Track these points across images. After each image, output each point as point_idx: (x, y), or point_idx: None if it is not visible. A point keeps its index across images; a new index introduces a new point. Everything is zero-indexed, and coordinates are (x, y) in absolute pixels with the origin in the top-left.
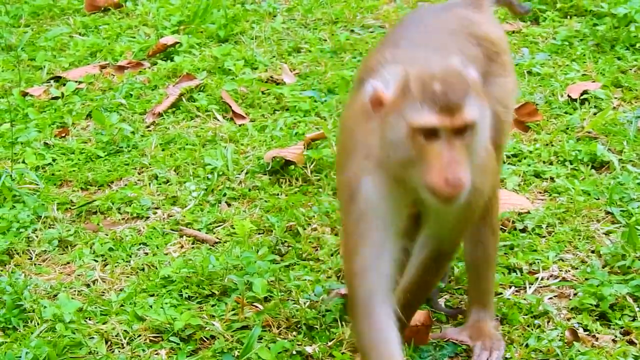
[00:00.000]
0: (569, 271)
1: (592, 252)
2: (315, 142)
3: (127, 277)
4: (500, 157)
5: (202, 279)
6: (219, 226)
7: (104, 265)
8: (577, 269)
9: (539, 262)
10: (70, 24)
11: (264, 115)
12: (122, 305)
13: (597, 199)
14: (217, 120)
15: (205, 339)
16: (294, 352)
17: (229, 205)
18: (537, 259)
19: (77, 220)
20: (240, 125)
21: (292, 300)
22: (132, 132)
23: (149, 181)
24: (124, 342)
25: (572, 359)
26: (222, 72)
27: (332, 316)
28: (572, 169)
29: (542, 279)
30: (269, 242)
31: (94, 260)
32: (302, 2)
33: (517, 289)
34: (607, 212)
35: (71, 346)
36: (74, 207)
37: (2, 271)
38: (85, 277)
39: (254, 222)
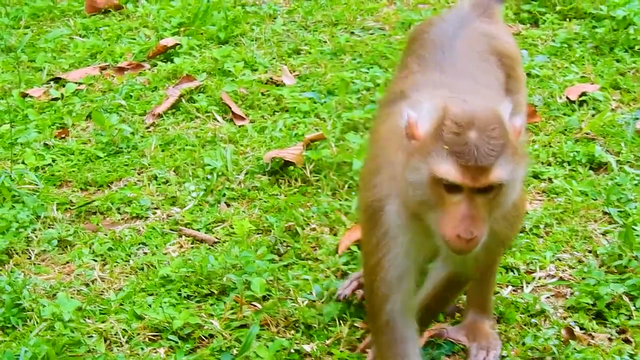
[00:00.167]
0: (566, 271)
1: (589, 252)
2: (314, 143)
3: (126, 276)
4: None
5: (201, 278)
6: (218, 226)
7: (103, 264)
8: (574, 268)
9: (536, 262)
10: (70, 26)
11: (263, 116)
12: (121, 304)
13: (595, 200)
14: (217, 121)
15: (203, 338)
16: (292, 351)
17: (228, 205)
18: (535, 259)
19: (77, 220)
20: (239, 126)
21: (291, 299)
22: (132, 133)
23: (149, 181)
24: (122, 340)
25: (568, 357)
26: (222, 73)
27: (331, 315)
28: (570, 170)
29: (539, 279)
30: (267, 242)
31: (93, 260)
32: (302, 4)
33: (514, 288)
34: (605, 213)
35: (70, 345)
36: (73, 207)
37: (1, 271)
38: (84, 276)
39: (253, 222)
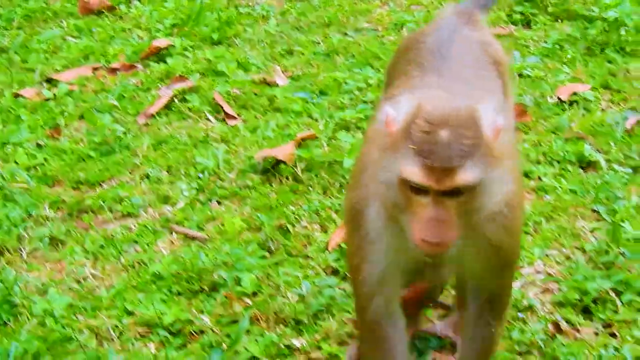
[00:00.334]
0: (554, 267)
1: (577, 248)
2: (305, 141)
3: (118, 273)
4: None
5: (192, 275)
6: (209, 224)
7: (95, 262)
8: (561, 264)
9: (524, 258)
10: (63, 27)
11: (255, 116)
12: (112, 300)
13: (584, 198)
14: (209, 121)
15: (194, 333)
16: (282, 346)
17: (219, 203)
18: (523, 255)
19: (69, 218)
20: (232, 126)
21: (281, 295)
22: (125, 133)
23: (140, 180)
24: (113, 336)
25: (554, 351)
26: (215, 74)
27: (320, 310)
28: (560, 169)
29: (527, 275)
30: (258, 239)
31: (85, 257)
32: (295, 5)
33: None
34: (593, 210)
35: (61, 340)
36: (65, 206)
37: None
38: (76, 273)
39: (244, 220)
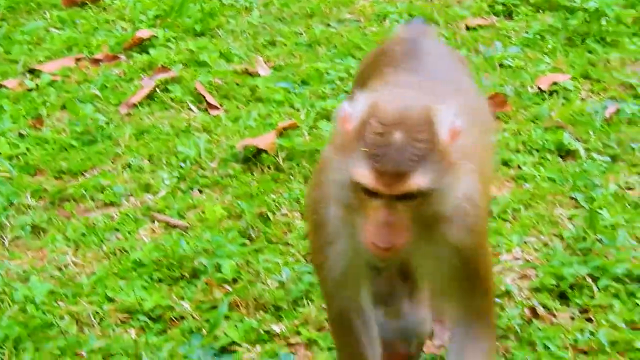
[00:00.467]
0: (532, 253)
1: (554, 235)
2: (287, 131)
3: (99, 261)
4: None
5: (173, 262)
6: (191, 212)
7: (76, 250)
8: (539, 251)
9: (502, 245)
10: (46, 18)
11: (237, 106)
12: (93, 287)
13: (562, 186)
14: (192, 111)
15: (174, 319)
16: (262, 331)
17: (200, 192)
18: (501, 242)
19: (51, 207)
20: (214, 115)
21: (261, 281)
22: (107, 123)
23: (122, 169)
24: (94, 322)
25: (530, 335)
26: (197, 64)
27: (300, 297)
28: (539, 157)
29: (505, 261)
30: (239, 226)
31: (67, 245)
32: None
33: None
34: (571, 198)
35: (42, 326)
36: (47, 195)
37: None
38: (57, 261)
39: (225, 208)
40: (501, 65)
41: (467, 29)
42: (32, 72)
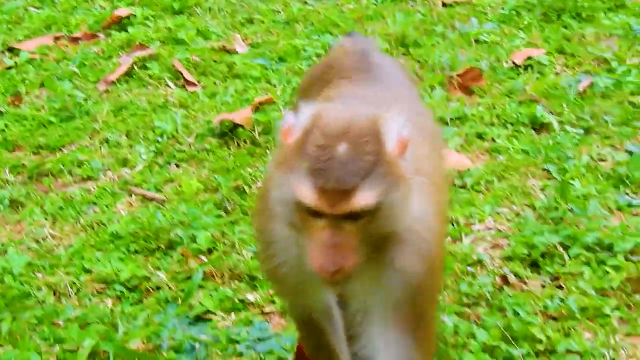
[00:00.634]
0: (504, 223)
1: (527, 206)
2: (263, 106)
3: (76, 234)
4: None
5: (149, 234)
6: (167, 186)
7: (54, 223)
8: (511, 221)
9: (475, 215)
10: None
11: (215, 82)
12: (71, 259)
13: (535, 158)
14: (169, 87)
15: (150, 290)
16: (237, 300)
17: (177, 166)
18: (474, 212)
19: (29, 182)
20: (191, 92)
21: (236, 252)
22: (85, 99)
23: (100, 145)
24: (71, 292)
25: (501, 302)
26: (175, 42)
27: None
28: (513, 130)
29: (478, 231)
30: (215, 199)
31: (44, 218)
32: None
33: (453, 239)
34: (544, 170)
35: (20, 297)
36: (25, 170)
37: None
38: (35, 234)
39: (202, 182)
40: (477, 41)
41: (444, 5)
42: (11, 50)
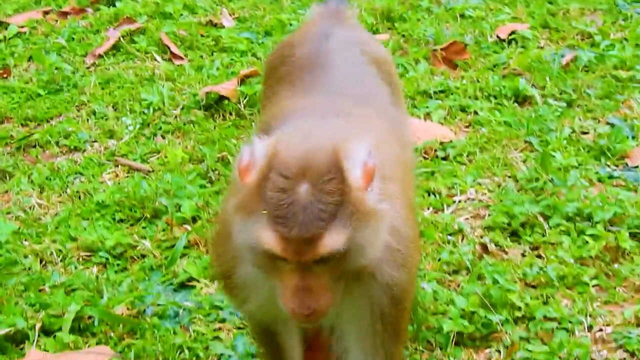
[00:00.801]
0: (486, 194)
1: (508, 177)
2: (249, 78)
3: (63, 203)
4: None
5: (135, 203)
6: (153, 157)
7: (41, 192)
8: (493, 192)
9: (457, 186)
10: None
11: (201, 56)
12: (57, 227)
13: (517, 130)
14: (156, 61)
15: (135, 258)
16: None
17: (163, 137)
18: (456, 183)
19: (17, 152)
20: (178, 65)
21: None
22: (73, 72)
23: (87, 117)
24: (57, 260)
25: (481, 270)
26: (163, 16)
27: None
28: (496, 103)
29: (459, 202)
30: (200, 169)
31: (32, 188)
32: None
33: (434, 209)
34: (526, 142)
35: (7, 264)
36: (13, 141)
37: None
38: (22, 203)
39: (187, 153)
40: (462, 15)
41: None
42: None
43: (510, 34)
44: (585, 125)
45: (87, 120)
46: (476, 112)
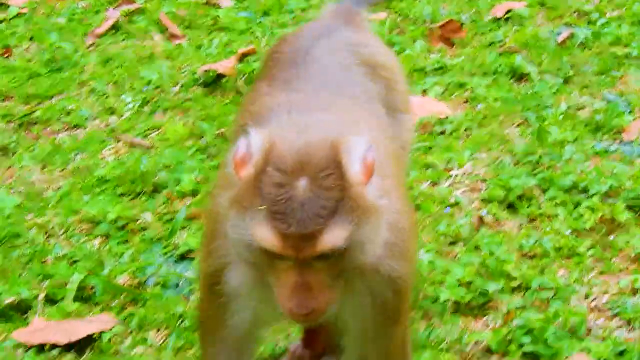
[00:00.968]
0: (482, 168)
1: (505, 151)
2: (247, 57)
3: (65, 178)
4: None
5: (135, 177)
6: (153, 133)
7: (43, 168)
8: (489, 166)
9: (454, 160)
10: None
11: (200, 35)
12: (59, 201)
13: (514, 106)
14: (155, 40)
15: (136, 230)
16: None
17: (163, 114)
18: (453, 158)
19: (19, 129)
20: (176, 44)
21: None
22: (73, 52)
23: (88, 95)
24: (59, 233)
25: (477, 241)
26: None
27: None
28: (493, 80)
29: (456, 176)
30: (199, 144)
31: (34, 164)
32: None
33: (432, 183)
34: (523, 118)
35: (10, 236)
36: (15, 119)
37: None
38: (24, 178)
39: (187, 129)
40: None
41: None
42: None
43: (506, 12)
44: (581, 101)
45: (88, 98)
46: (473, 89)
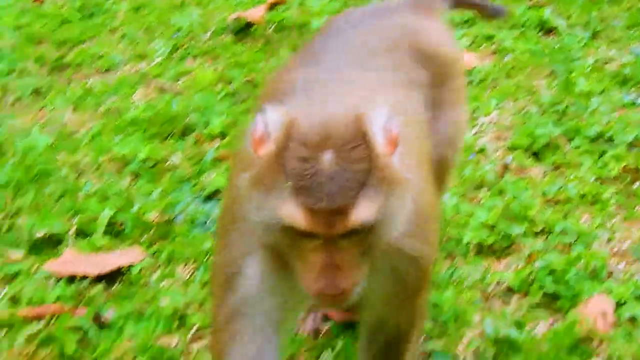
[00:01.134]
0: (508, 118)
1: (531, 102)
2: (276, 6)
3: (96, 119)
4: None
5: (165, 120)
6: (183, 78)
7: (75, 110)
8: (516, 115)
9: (480, 109)
10: None
11: None
12: (90, 141)
13: (542, 58)
14: None
15: (166, 170)
16: None
17: (193, 60)
18: (479, 107)
19: (51, 73)
20: None
21: None
22: None
23: (119, 40)
24: (90, 171)
25: (502, 186)
26: None
27: None
28: (521, 33)
29: (482, 124)
30: (228, 89)
31: (66, 106)
32: None
33: None
34: (550, 70)
35: (42, 174)
36: (48, 62)
37: None
38: (56, 119)
39: (216, 75)
40: None
41: None
42: None
43: None
44: (609, 55)
45: (119, 43)
46: (501, 41)
